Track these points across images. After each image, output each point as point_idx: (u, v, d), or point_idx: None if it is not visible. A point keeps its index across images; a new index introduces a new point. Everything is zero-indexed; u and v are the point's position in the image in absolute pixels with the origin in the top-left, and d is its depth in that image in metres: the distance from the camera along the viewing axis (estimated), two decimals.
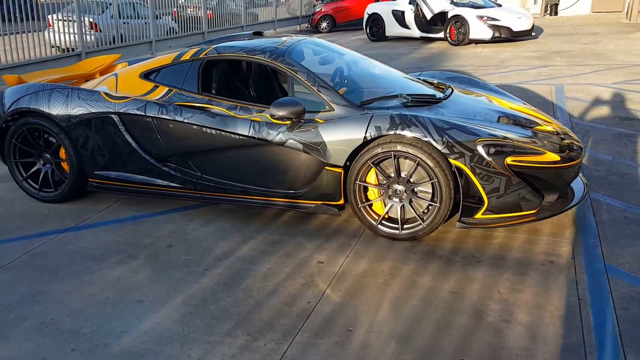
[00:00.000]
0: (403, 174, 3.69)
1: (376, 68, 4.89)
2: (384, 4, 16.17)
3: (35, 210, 4.55)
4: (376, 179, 3.76)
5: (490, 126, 3.79)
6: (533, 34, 14.27)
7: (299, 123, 3.84)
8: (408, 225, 3.73)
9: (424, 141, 3.52)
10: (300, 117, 3.81)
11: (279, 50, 4.22)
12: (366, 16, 16.16)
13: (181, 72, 4.33)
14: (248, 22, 18.12)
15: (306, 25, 21.26)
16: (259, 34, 4.96)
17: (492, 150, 3.48)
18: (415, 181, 3.67)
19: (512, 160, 3.50)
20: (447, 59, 11.90)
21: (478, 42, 13.79)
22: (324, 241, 3.83)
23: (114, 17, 12.63)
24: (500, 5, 14.91)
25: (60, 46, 11.47)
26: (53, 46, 11.41)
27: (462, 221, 3.62)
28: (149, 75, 4.45)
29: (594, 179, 4.70)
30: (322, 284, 3.29)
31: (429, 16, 14.49)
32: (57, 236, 4.08)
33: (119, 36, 12.74)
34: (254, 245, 3.81)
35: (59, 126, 4.40)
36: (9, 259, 3.75)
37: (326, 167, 3.79)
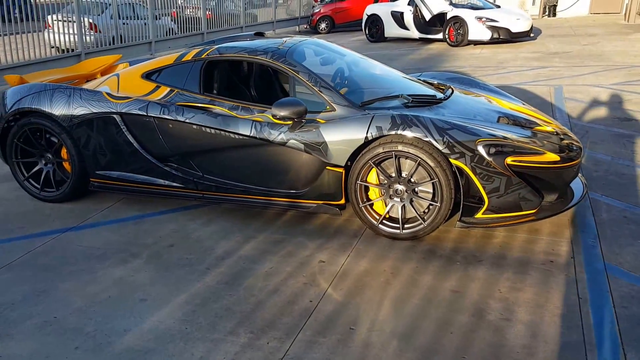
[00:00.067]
0: (404, 174, 3.71)
1: (377, 69, 4.91)
2: (383, 5, 16.22)
3: (37, 210, 4.57)
4: (377, 178, 3.78)
5: (491, 126, 3.81)
6: (532, 35, 14.30)
7: (300, 123, 3.85)
8: (409, 224, 3.75)
9: (425, 141, 3.54)
10: (301, 117, 3.83)
11: (280, 50, 4.24)
12: (365, 17, 16.21)
13: (183, 72, 4.35)
14: (247, 23, 18.15)
15: (305, 26, 21.29)
16: (261, 34, 4.98)
17: (493, 150, 3.50)
18: (416, 181, 3.69)
19: (512, 160, 3.52)
20: (446, 59, 11.92)
21: (477, 43, 13.82)
22: (325, 241, 3.85)
23: (113, 17, 12.64)
24: (498, 7, 14.95)
25: (60, 47, 11.49)
26: (53, 47, 11.43)
27: (462, 221, 3.64)
28: (151, 76, 4.47)
29: (593, 179, 4.72)
30: (324, 283, 3.31)
31: (427, 17, 14.51)
32: (59, 236, 4.09)
33: (118, 37, 12.76)
34: (256, 245, 3.83)
35: (61, 126, 4.41)
36: (11, 258, 3.76)
37: (327, 167, 3.81)
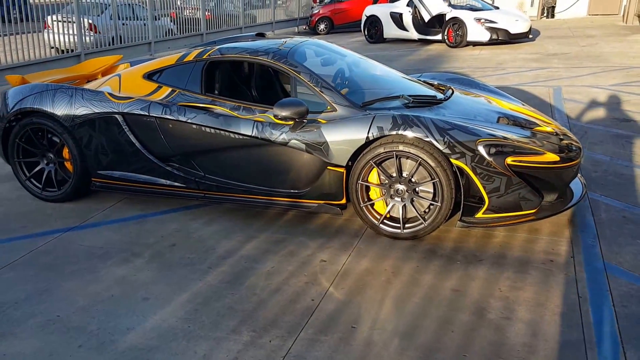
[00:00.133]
0: (405, 174, 3.74)
1: (377, 69, 4.94)
2: (382, 6, 16.26)
3: (39, 210, 4.58)
4: (378, 178, 3.80)
5: (491, 127, 3.83)
6: (530, 36, 14.34)
7: (301, 123, 3.87)
8: (409, 224, 3.78)
9: (426, 141, 3.56)
10: (303, 117, 3.85)
11: (281, 51, 4.26)
12: (364, 18, 16.24)
13: (185, 72, 4.37)
14: (246, 23, 18.17)
15: (304, 27, 21.32)
16: (262, 35, 5.01)
17: (493, 151, 3.52)
18: (417, 181, 3.71)
19: (512, 160, 3.54)
20: (445, 60, 11.95)
21: (476, 44, 13.86)
22: (327, 240, 3.87)
23: (112, 18, 12.65)
24: (497, 8, 14.99)
25: (59, 47, 11.50)
26: (53, 47, 11.45)
27: (463, 220, 3.67)
28: (152, 76, 4.49)
29: (592, 179, 4.75)
30: (325, 282, 3.33)
31: (426, 18, 14.54)
32: (61, 235, 4.10)
33: (117, 37, 12.77)
34: (257, 244, 3.85)
35: (63, 126, 4.43)
36: (14, 258, 3.78)
37: (329, 167, 3.83)
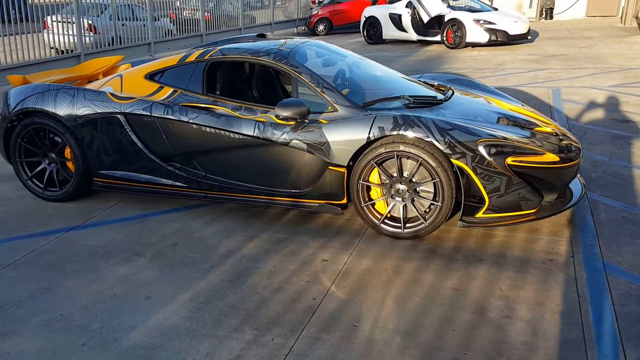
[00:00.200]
0: (405, 174, 3.76)
1: (378, 70, 4.96)
2: (381, 7, 16.31)
3: (40, 209, 4.59)
4: (379, 178, 3.82)
5: (491, 127, 3.86)
6: (529, 37, 14.39)
7: (303, 123, 3.90)
8: (410, 224, 3.80)
9: (427, 141, 3.59)
10: (304, 117, 3.87)
11: (283, 52, 4.29)
12: (363, 19, 16.28)
13: (186, 73, 4.39)
14: (245, 24, 18.20)
15: (303, 28, 21.35)
16: (263, 36, 5.03)
17: (493, 151, 3.55)
18: (418, 181, 3.73)
19: (512, 161, 3.57)
20: (444, 61, 11.99)
21: (475, 45, 13.90)
22: (328, 240, 3.89)
23: (112, 19, 12.67)
24: (496, 9, 15.04)
25: (59, 48, 11.51)
26: (52, 47, 11.46)
27: (463, 220, 3.69)
28: (154, 76, 4.51)
29: (591, 179, 4.77)
30: (327, 281, 3.35)
31: (425, 19, 14.58)
32: (63, 234, 4.12)
33: (117, 38, 12.79)
34: (259, 244, 3.87)
35: (65, 126, 4.44)
36: (16, 257, 3.79)
37: (330, 167, 3.86)
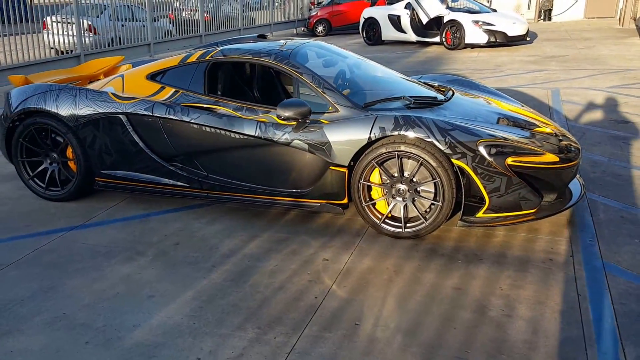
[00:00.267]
0: (406, 174, 3.78)
1: (378, 71, 4.98)
2: (380, 8, 16.35)
3: (42, 209, 4.61)
4: (380, 178, 3.84)
5: (491, 127, 3.88)
6: (528, 39, 14.42)
7: (304, 124, 3.92)
8: (411, 223, 3.82)
9: (427, 142, 3.61)
10: (306, 118, 3.89)
11: (284, 52, 4.31)
12: (362, 20, 16.30)
13: (187, 73, 4.41)
14: (245, 25, 18.22)
15: (302, 29, 21.37)
16: (263, 37, 5.05)
17: (494, 151, 3.57)
18: (418, 181, 3.76)
19: (512, 161, 3.59)
20: (444, 62, 12.02)
21: (474, 46, 13.93)
22: (329, 239, 3.91)
23: (111, 19, 12.68)
24: (495, 11, 15.07)
25: (59, 48, 11.52)
26: (52, 48, 11.47)
27: (463, 220, 3.71)
28: (156, 77, 4.53)
29: (590, 180, 4.80)
30: (328, 280, 3.37)
31: (424, 21, 14.60)
32: (64, 234, 4.13)
33: (117, 39, 12.80)
34: (260, 243, 3.89)
35: (67, 126, 4.46)
36: (18, 256, 3.80)
37: (331, 167, 3.88)
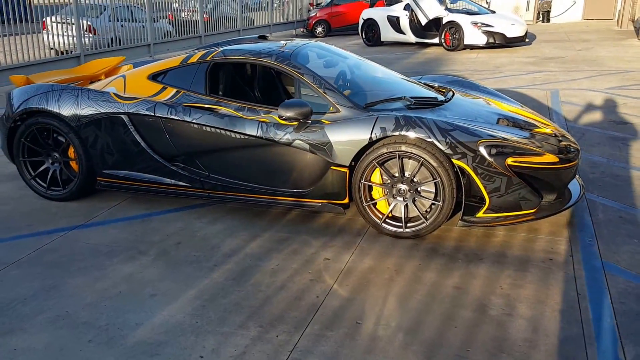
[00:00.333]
0: (407, 174, 3.80)
1: (378, 71, 5.01)
2: (379, 10, 16.39)
3: (44, 209, 4.62)
4: (380, 178, 3.86)
5: (491, 128, 3.90)
6: (527, 40, 14.47)
7: (305, 124, 3.94)
8: (411, 223, 3.84)
9: (428, 142, 3.63)
10: (307, 118, 3.91)
11: (285, 53, 4.33)
12: (361, 21, 16.34)
13: (189, 74, 4.43)
14: (244, 26, 18.25)
15: (301, 30, 21.40)
16: (264, 37, 5.07)
17: (494, 151, 3.59)
18: (419, 181, 3.78)
19: (512, 161, 3.61)
20: (443, 63, 12.05)
21: (473, 47, 13.97)
22: (330, 239, 3.93)
23: (111, 20, 12.69)
24: (493, 12, 15.11)
25: (58, 49, 11.53)
26: (52, 48, 11.48)
27: (464, 220, 3.73)
28: (157, 77, 4.54)
29: (589, 180, 4.83)
30: (329, 279, 3.39)
31: (423, 22, 14.64)
32: (66, 233, 4.15)
33: (116, 39, 12.82)
34: (261, 243, 3.90)
35: (69, 126, 4.47)
36: (20, 256, 3.82)
37: (332, 167, 3.90)
